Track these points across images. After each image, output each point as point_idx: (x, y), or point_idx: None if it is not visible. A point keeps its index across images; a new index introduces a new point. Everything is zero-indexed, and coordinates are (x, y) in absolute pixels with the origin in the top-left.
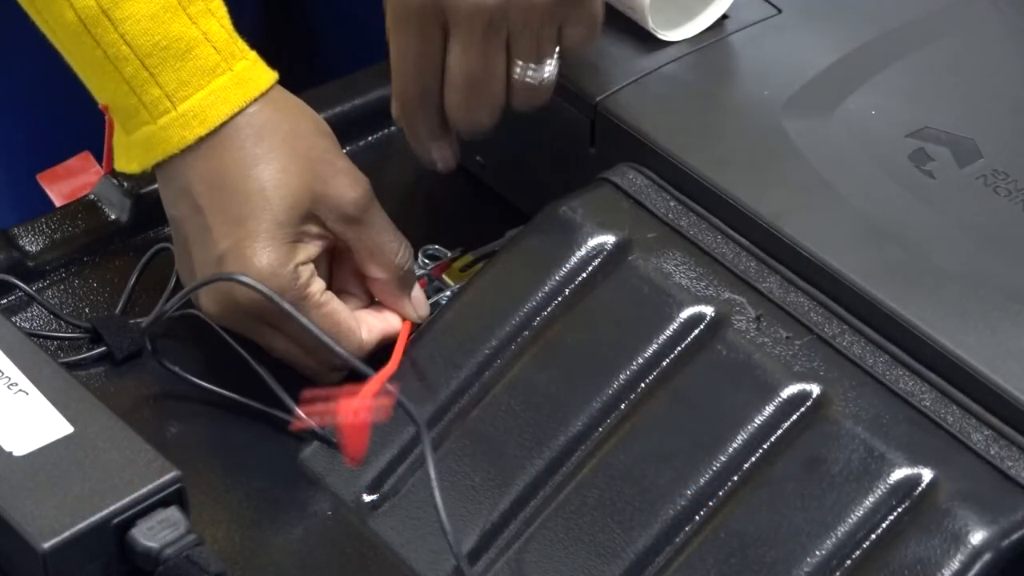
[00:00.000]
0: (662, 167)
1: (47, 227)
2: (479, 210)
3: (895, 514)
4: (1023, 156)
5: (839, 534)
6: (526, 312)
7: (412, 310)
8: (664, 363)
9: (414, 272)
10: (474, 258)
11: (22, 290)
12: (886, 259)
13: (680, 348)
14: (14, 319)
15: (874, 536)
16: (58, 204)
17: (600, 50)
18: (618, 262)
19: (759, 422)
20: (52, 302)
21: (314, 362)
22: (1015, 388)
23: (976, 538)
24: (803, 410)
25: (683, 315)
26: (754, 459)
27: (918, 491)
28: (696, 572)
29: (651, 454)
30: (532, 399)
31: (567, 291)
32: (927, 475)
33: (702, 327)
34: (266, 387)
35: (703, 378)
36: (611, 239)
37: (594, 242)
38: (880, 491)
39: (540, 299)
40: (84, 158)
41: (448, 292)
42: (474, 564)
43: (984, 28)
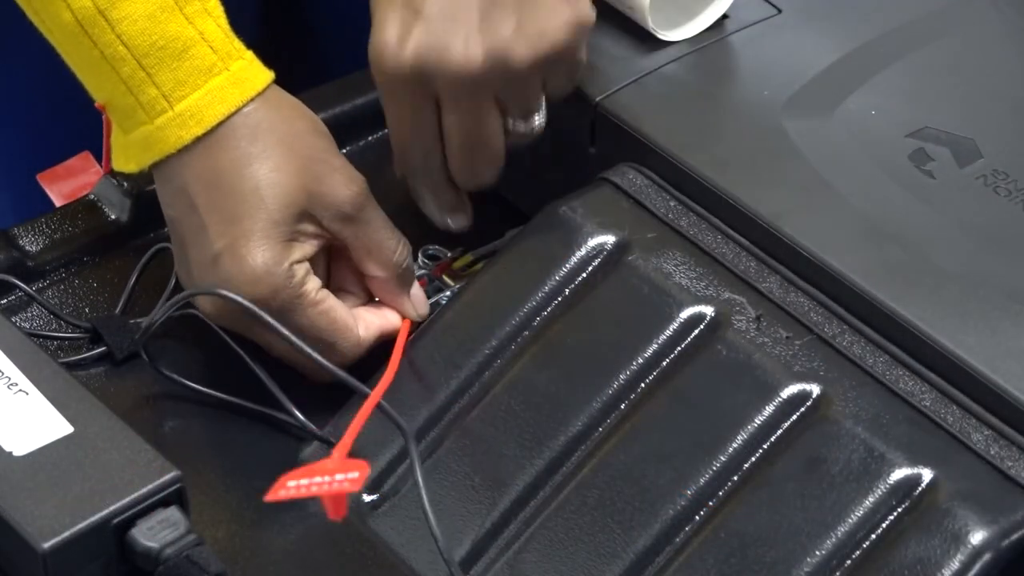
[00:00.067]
0: (662, 167)
1: (47, 227)
2: (479, 210)
3: (895, 514)
4: (1023, 156)
5: (839, 534)
6: (526, 312)
7: (411, 308)
8: (664, 363)
9: (413, 270)
10: (474, 258)
11: (22, 290)
12: (886, 259)
13: (680, 348)
14: (14, 319)
15: (874, 536)
16: (58, 204)
17: (600, 50)
18: (618, 262)
19: (759, 422)
20: (52, 302)
21: (310, 361)
22: (1015, 388)
23: (976, 538)
24: (803, 410)
25: (683, 315)
26: (754, 459)
27: (918, 491)
28: (696, 572)
29: (651, 454)
30: (532, 399)
31: (567, 291)
32: (927, 475)
33: (702, 327)
34: (266, 388)
35: (703, 378)
36: (611, 239)
37: (594, 242)
38: (880, 491)
39: (540, 299)
40: (84, 158)
41: (448, 292)
42: (474, 564)
43: (984, 28)
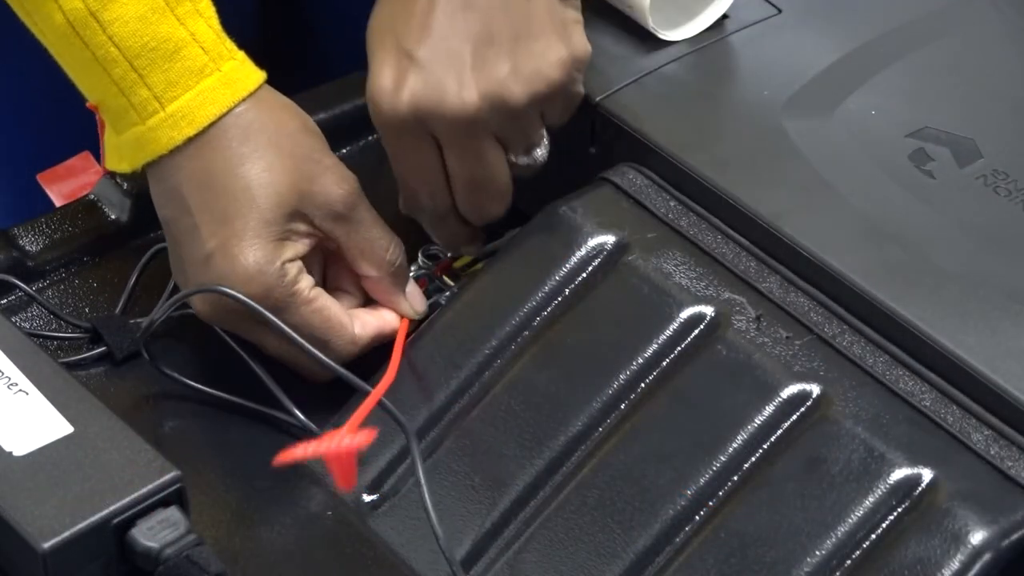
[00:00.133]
0: (662, 167)
1: (47, 227)
2: None
3: (895, 514)
4: (1023, 156)
5: (839, 534)
6: (526, 312)
7: (408, 306)
8: (664, 363)
9: (406, 268)
10: (474, 258)
11: (22, 290)
12: (886, 259)
13: (680, 348)
14: (14, 319)
15: (874, 536)
16: (58, 204)
17: (600, 50)
18: (618, 262)
19: (759, 422)
20: (52, 302)
21: (306, 360)
22: (1015, 388)
23: (976, 538)
24: (803, 410)
25: (683, 315)
26: (754, 459)
27: (918, 491)
28: (696, 572)
29: (651, 454)
30: (532, 399)
31: (567, 291)
32: (927, 475)
33: (702, 327)
34: (266, 387)
35: (703, 378)
36: (611, 239)
37: (594, 242)
38: (880, 491)
39: (540, 299)
40: (84, 158)
41: (448, 292)
42: (474, 564)
43: (984, 28)
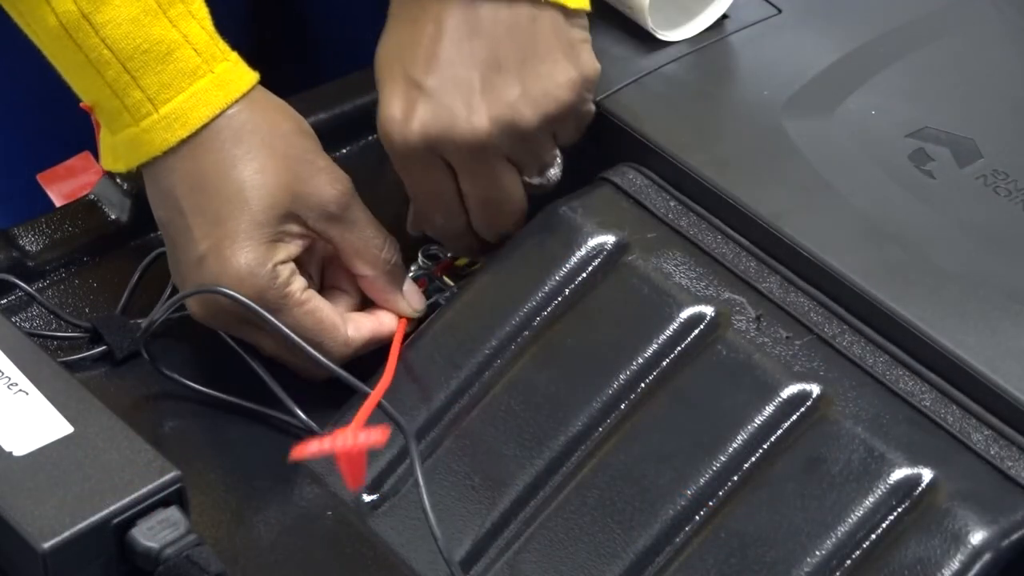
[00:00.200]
0: (662, 167)
1: (47, 227)
2: None
3: (895, 514)
4: (1023, 156)
5: (839, 534)
6: (526, 312)
7: (405, 304)
8: (664, 363)
9: (402, 266)
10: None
11: (22, 290)
12: (886, 259)
13: (680, 348)
14: (14, 319)
15: (874, 536)
16: (58, 204)
17: (600, 50)
18: (618, 262)
19: (759, 422)
20: (52, 302)
21: (302, 360)
22: (1015, 388)
23: (976, 538)
24: (803, 410)
25: (683, 315)
26: (754, 459)
27: (918, 491)
28: (696, 572)
29: (651, 454)
30: (532, 399)
31: (567, 291)
32: (927, 475)
33: (702, 327)
34: (266, 387)
35: (703, 378)
36: (611, 239)
37: (594, 242)
38: (880, 491)
39: (540, 299)
40: (84, 158)
41: (448, 292)
42: (474, 564)
43: (984, 28)
